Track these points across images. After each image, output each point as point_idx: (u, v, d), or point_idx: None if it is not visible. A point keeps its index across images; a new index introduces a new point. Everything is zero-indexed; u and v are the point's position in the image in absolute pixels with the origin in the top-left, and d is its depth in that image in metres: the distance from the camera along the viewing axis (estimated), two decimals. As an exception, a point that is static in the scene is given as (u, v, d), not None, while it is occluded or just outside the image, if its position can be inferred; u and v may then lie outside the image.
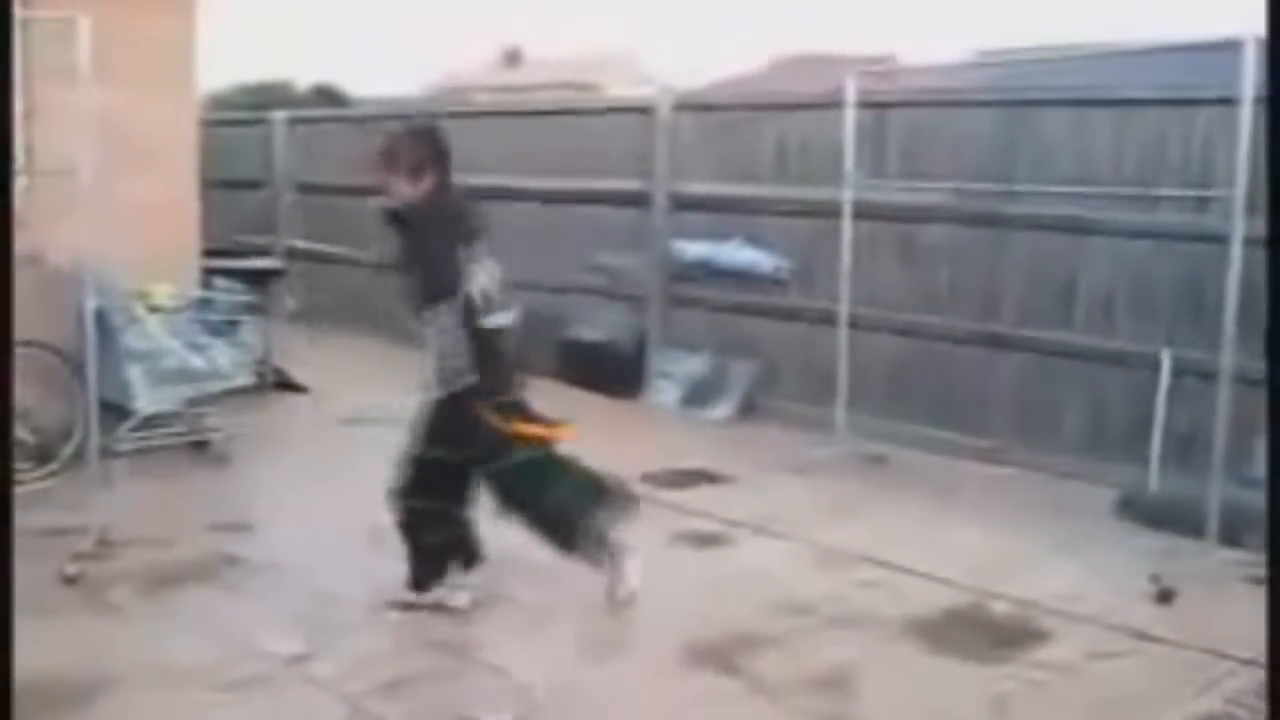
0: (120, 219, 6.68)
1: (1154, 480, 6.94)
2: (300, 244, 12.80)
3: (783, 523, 6.48)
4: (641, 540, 5.83)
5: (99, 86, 6.56)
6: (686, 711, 4.37)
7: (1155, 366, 7.04)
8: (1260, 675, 4.65)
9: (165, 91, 8.00)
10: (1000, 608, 5.37)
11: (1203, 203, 6.94)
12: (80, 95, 6.46)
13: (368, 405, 8.71)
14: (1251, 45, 5.59)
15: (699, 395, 9.34)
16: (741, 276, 9.27)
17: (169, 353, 7.32)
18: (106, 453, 6.91)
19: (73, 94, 6.45)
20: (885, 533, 6.35)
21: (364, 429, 8.35)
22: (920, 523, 6.60)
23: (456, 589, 5.20)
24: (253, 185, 13.66)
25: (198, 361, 7.44)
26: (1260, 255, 6.29)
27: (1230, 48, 5.83)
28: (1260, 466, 6.70)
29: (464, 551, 5.26)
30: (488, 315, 4.91)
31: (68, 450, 6.87)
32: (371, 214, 5.30)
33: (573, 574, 5.23)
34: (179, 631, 4.92)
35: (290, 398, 9.35)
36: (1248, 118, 5.65)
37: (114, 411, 7.04)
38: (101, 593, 5.27)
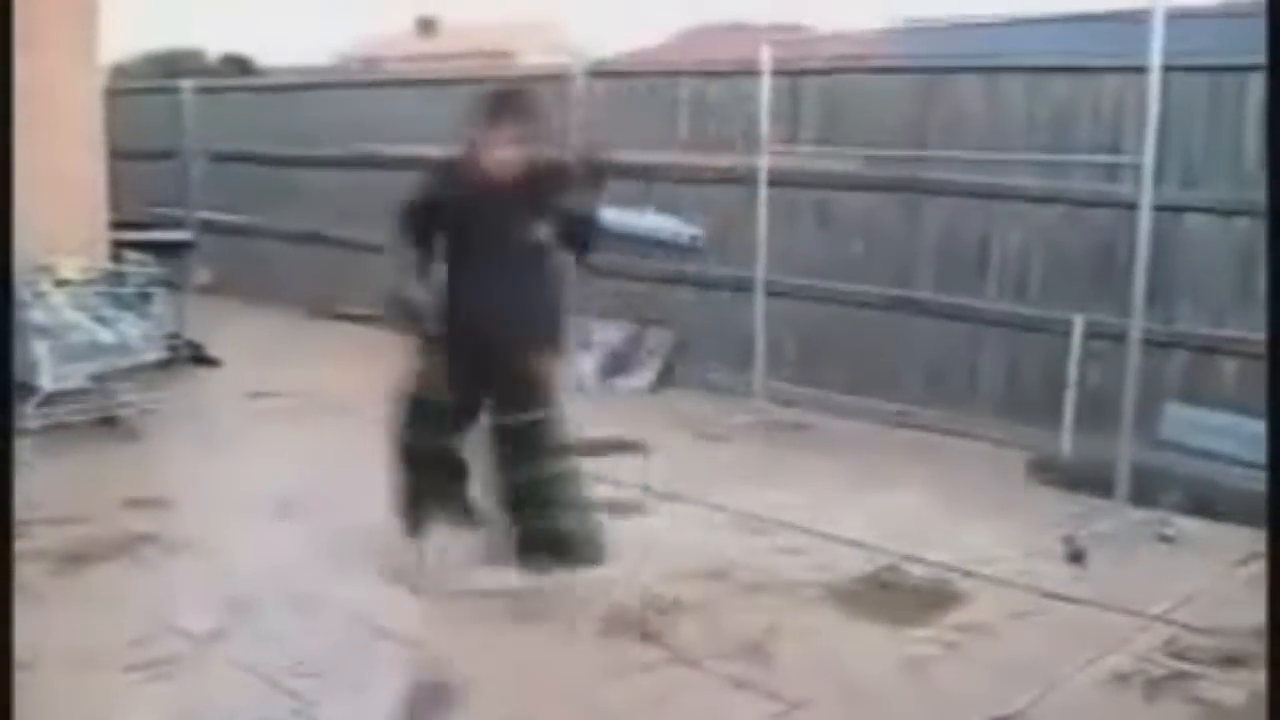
0: (24, 190, 6.51)
1: (1066, 442, 7.05)
2: (212, 215, 12.60)
3: (700, 489, 6.50)
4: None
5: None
6: (606, 679, 4.37)
7: (1067, 331, 7.14)
8: (1169, 631, 4.76)
9: (70, 59, 7.82)
10: (915, 571, 5.43)
11: (1111, 169, 7.03)
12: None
13: (279, 379, 8.63)
14: (1160, 14, 5.66)
15: (616, 364, 9.32)
16: (657, 244, 9.25)
17: (76, 328, 7.17)
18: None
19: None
20: (802, 498, 6.39)
21: (275, 402, 8.28)
22: (837, 487, 6.65)
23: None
24: (163, 156, 13.40)
25: (107, 336, 7.30)
26: (1168, 221, 6.47)
27: (1141, 18, 5.89)
28: (1168, 429, 6.85)
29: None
30: None
31: (-27, 429, 6.72)
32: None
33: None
34: (93, 611, 4.84)
35: (202, 372, 9.22)
36: (1156, 85, 5.72)
37: (21, 389, 6.89)
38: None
